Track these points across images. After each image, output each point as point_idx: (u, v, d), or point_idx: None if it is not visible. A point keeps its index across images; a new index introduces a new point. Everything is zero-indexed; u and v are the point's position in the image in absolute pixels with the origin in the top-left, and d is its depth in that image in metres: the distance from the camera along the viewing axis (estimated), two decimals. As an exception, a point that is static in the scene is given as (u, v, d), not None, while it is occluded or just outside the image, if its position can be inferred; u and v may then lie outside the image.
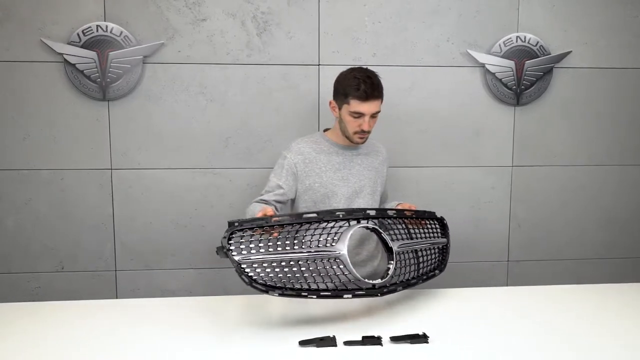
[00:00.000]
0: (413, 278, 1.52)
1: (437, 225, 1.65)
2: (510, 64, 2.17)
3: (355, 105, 1.58)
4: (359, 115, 1.59)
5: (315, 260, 1.35)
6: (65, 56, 1.99)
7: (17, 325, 1.37)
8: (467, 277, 2.31)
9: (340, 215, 1.41)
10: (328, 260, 1.36)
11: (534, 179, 2.30)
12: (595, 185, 2.33)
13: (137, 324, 1.40)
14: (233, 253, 1.28)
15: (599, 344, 1.30)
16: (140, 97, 2.07)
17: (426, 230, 1.60)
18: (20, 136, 2.05)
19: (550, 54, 2.19)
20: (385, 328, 1.35)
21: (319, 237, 1.38)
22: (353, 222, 1.44)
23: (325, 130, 1.77)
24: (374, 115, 1.62)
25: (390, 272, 1.44)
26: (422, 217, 1.59)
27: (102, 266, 2.15)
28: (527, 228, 2.32)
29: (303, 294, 1.32)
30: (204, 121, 2.11)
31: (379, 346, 1.28)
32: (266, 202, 1.66)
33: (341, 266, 1.36)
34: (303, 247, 1.37)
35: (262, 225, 1.32)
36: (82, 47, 2.00)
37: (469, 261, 2.32)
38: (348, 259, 1.36)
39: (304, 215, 1.38)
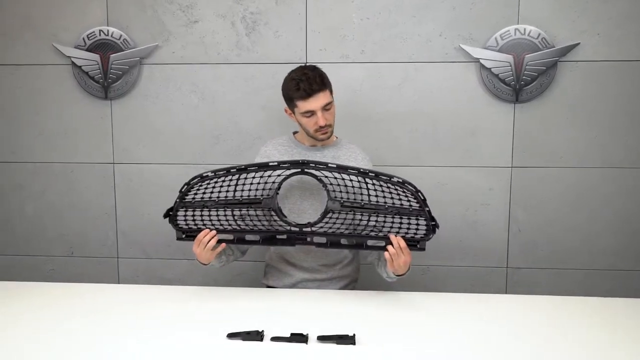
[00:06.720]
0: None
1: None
2: (508, 58, 2.04)
3: (303, 105, 1.58)
4: (310, 113, 1.59)
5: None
6: (72, 59, 2.17)
7: (31, 302, 1.55)
8: (462, 282, 2.22)
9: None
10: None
11: (536, 181, 2.14)
12: (608, 189, 2.12)
13: (121, 306, 1.53)
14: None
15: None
16: (138, 97, 2.21)
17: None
18: (36, 132, 2.27)
19: (554, 47, 2.03)
20: (315, 326, 1.35)
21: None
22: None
23: (295, 133, 1.79)
24: (327, 108, 1.60)
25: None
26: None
27: (106, 253, 2.32)
28: (528, 233, 2.17)
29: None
30: (196, 119, 2.20)
31: (304, 344, 1.28)
32: None
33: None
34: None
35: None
36: (87, 50, 2.17)
37: (463, 265, 2.22)
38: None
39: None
